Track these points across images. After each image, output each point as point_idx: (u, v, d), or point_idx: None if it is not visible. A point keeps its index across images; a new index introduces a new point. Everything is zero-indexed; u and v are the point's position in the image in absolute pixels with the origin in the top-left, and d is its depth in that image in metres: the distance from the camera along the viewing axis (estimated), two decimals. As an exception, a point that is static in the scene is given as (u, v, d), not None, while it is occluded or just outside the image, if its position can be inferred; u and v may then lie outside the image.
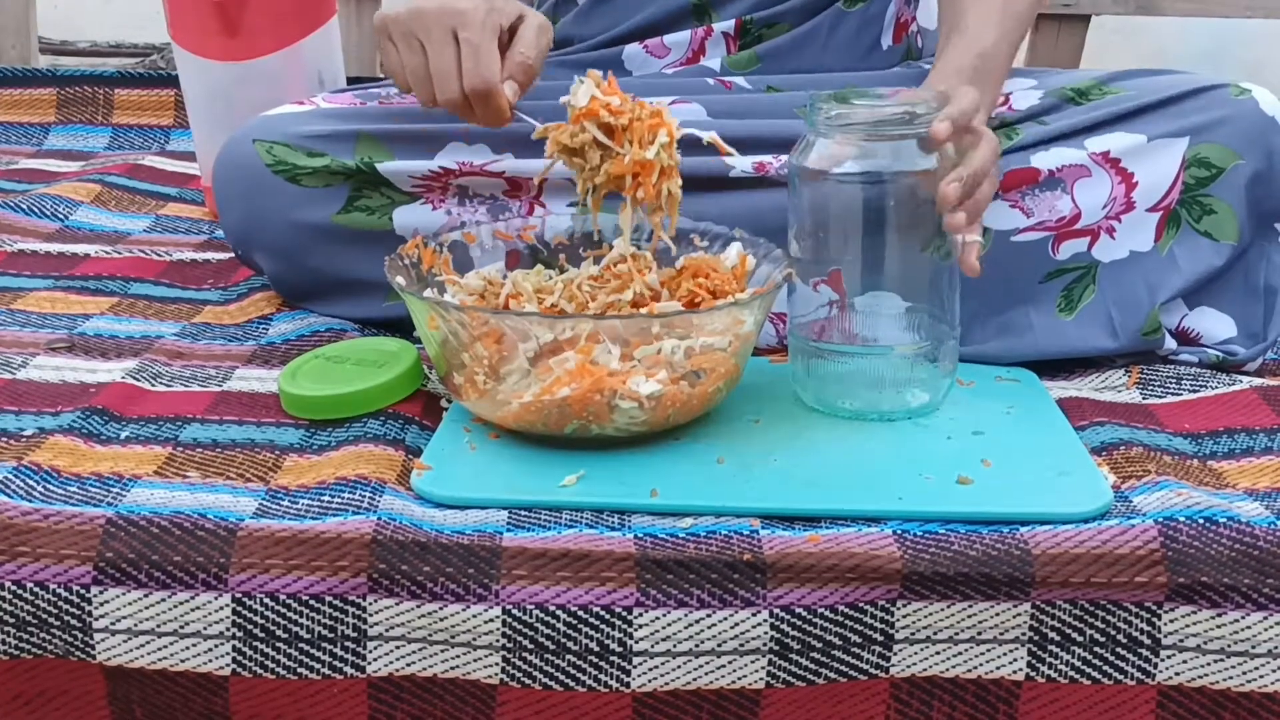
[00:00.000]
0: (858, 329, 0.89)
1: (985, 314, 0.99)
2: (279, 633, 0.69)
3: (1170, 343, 0.98)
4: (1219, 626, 0.70)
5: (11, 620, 0.68)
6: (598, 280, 0.91)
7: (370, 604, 0.69)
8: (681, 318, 0.80)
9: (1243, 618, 0.70)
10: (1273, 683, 0.70)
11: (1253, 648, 0.70)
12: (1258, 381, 0.93)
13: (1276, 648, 0.70)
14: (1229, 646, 0.70)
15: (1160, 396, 0.93)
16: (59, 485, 0.74)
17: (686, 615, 0.69)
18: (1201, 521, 0.72)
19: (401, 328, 1.01)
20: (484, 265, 0.94)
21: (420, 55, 0.89)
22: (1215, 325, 0.99)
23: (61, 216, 1.27)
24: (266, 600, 0.69)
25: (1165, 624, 0.70)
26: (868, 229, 0.86)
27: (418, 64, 0.90)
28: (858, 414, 0.87)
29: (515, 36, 0.91)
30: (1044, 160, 0.97)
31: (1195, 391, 0.93)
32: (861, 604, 0.70)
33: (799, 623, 0.69)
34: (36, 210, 1.27)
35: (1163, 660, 0.70)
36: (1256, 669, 0.70)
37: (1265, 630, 0.70)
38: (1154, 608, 0.70)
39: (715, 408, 0.85)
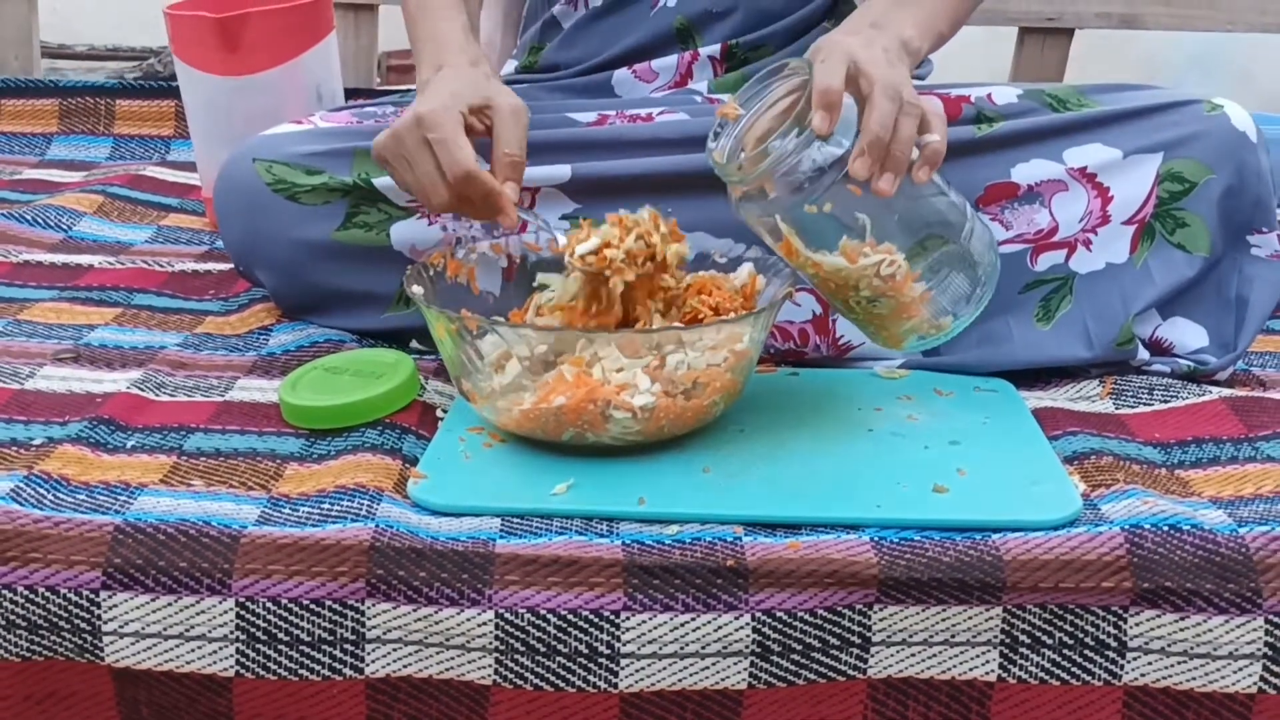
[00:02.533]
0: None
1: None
2: (281, 635, 0.72)
3: (1143, 354, 1.01)
4: (1182, 630, 0.73)
5: (24, 624, 0.71)
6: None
7: (368, 608, 0.72)
8: (674, 333, 0.83)
9: (1205, 621, 0.72)
10: (1234, 684, 0.73)
11: (1214, 650, 0.73)
12: (1227, 392, 0.96)
13: (1237, 650, 0.72)
14: (1192, 649, 0.73)
15: (1132, 407, 0.95)
16: (68, 493, 0.77)
17: (672, 619, 0.72)
18: (1166, 529, 0.74)
19: (399, 339, 1.03)
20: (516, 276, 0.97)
21: (411, 172, 0.91)
22: (1188, 335, 1.02)
23: (65, 227, 1.29)
24: (269, 604, 0.71)
25: (1131, 627, 0.73)
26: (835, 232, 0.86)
27: (412, 180, 0.91)
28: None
29: (494, 135, 0.92)
30: (1023, 174, 1.00)
31: (1166, 402, 0.95)
32: (840, 608, 0.72)
33: (780, 626, 0.72)
34: (40, 221, 1.29)
35: (1129, 662, 0.73)
36: (1218, 670, 0.73)
37: (1226, 633, 0.72)
38: (1120, 611, 0.73)
39: (703, 418, 0.88)
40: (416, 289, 0.87)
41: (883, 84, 0.82)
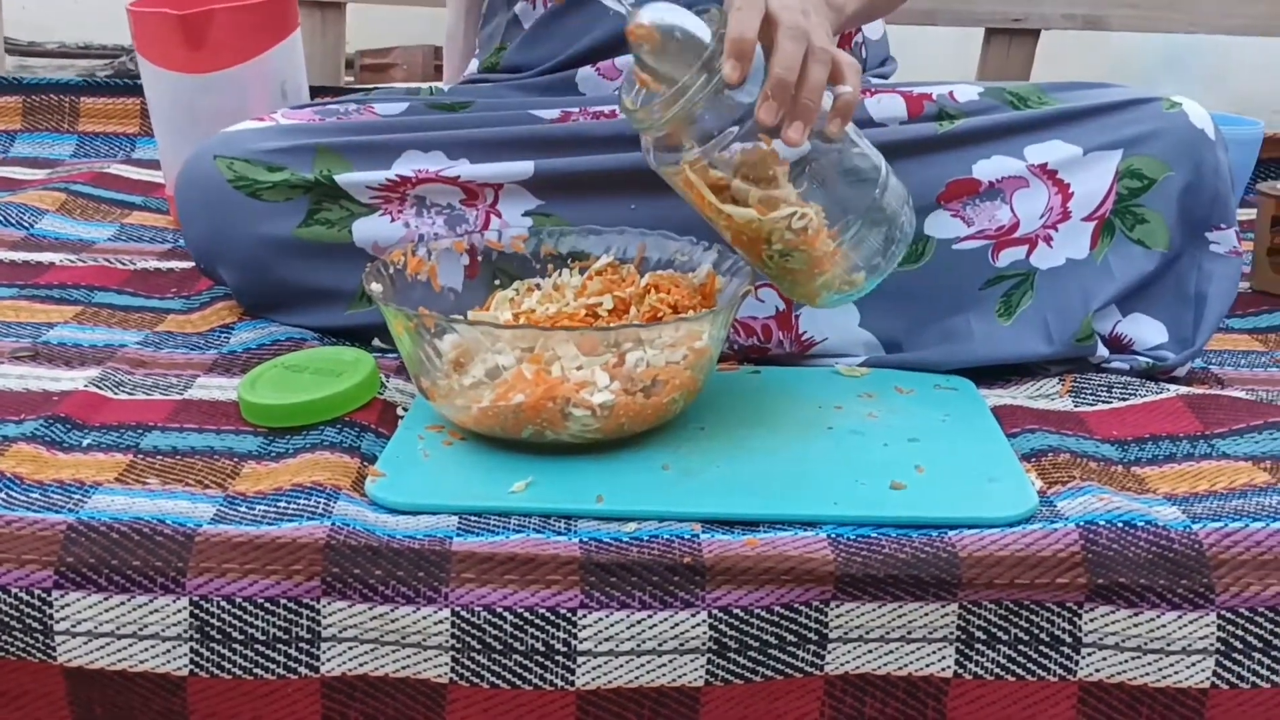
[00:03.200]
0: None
1: (928, 320, 1.02)
2: (235, 634, 0.71)
3: (1102, 350, 1.01)
4: (1136, 625, 0.73)
5: (-25, 624, 0.71)
6: (581, 292, 0.93)
7: (324, 606, 0.71)
8: (632, 331, 0.83)
9: (1158, 617, 0.73)
10: (1186, 679, 0.73)
11: (1167, 646, 0.73)
12: (1184, 390, 0.97)
13: (1189, 645, 0.73)
14: (1145, 645, 0.73)
15: (1091, 404, 0.96)
16: (21, 492, 0.76)
17: (629, 616, 0.72)
18: (1120, 525, 0.75)
19: (361, 337, 1.03)
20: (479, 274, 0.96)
21: None
22: (1147, 331, 1.03)
23: (27, 225, 1.29)
24: (223, 603, 0.71)
25: (1085, 623, 0.73)
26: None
27: None
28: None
29: None
30: (984, 171, 1.01)
31: (1125, 399, 0.96)
32: (797, 605, 0.72)
33: (737, 623, 0.72)
34: (1, 219, 1.28)
35: (1083, 658, 0.74)
36: (1171, 665, 0.73)
37: (1179, 629, 0.73)
38: (1075, 608, 0.73)
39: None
40: (375, 286, 0.86)
41: (787, 27, 0.81)
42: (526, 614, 0.71)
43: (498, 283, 0.97)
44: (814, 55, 0.81)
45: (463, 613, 0.71)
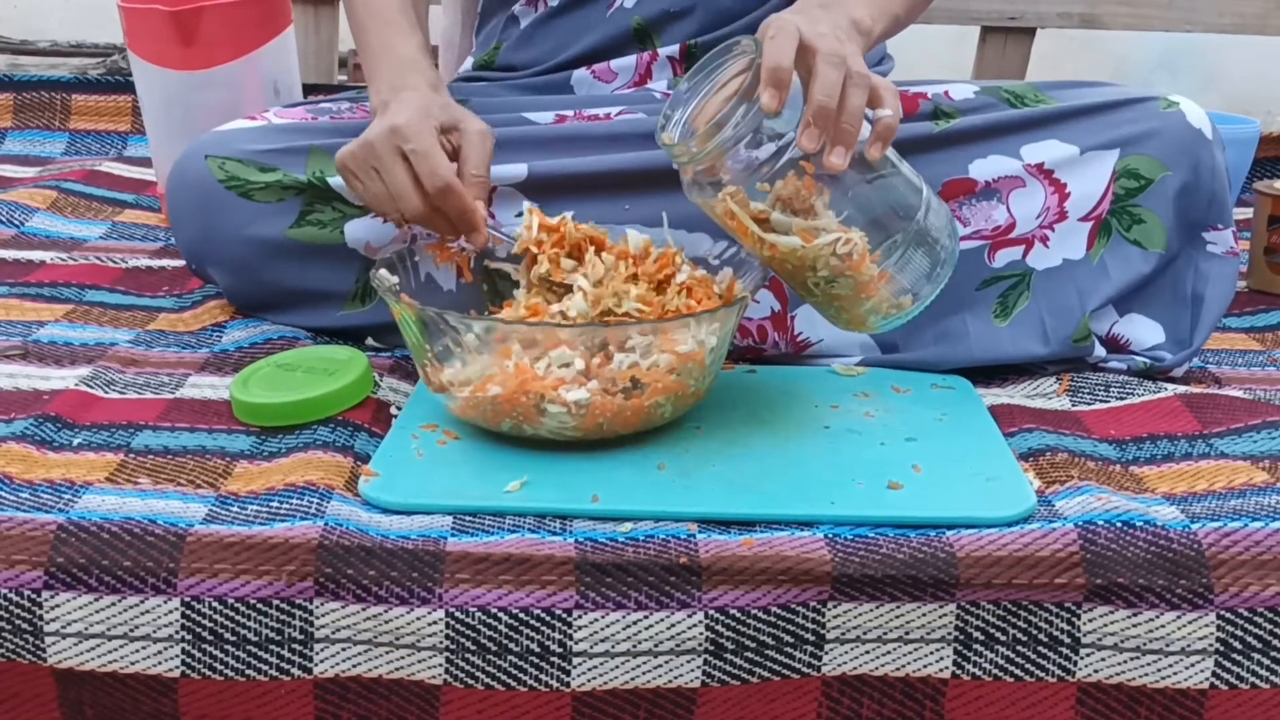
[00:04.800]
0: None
1: (924, 321, 1.01)
2: (227, 635, 0.71)
3: (1099, 350, 1.01)
4: (1135, 626, 0.73)
5: (-36, 625, 0.70)
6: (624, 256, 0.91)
7: (317, 607, 0.71)
8: (597, 330, 0.82)
9: (1157, 617, 0.72)
10: (1185, 679, 0.73)
11: (1166, 646, 0.73)
12: (1182, 389, 0.96)
13: (1188, 646, 0.72)
14: (1144, 645, 0.73)
15: (1089, 404, 0.95)
16: (10, 492, 0.75)
17: (625, 617, 0.71)
18: (1119, 525, 0.74)
19: (354, 336, 1.03)
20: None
21: (378, 181, 0.90)
22: (1144, 332, 1.03)
23: (17, 223, 1.28)
24: (215, 604, 0.70)
25: (1084, 623, 0.73)
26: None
27: (378, 189, 0.90)
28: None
29: (460, 155, 0.92)
30: (980, 171, 1.00)
31: (1122, 399, 0.96)
32: (793, 605, 0.72)
33: (733, 623, 0.72)
34: (-8, 217, 1.28)
35: (1082, 658, 0.73)
36: (1170, 666, 0.73)
37: (1178, 629, 0.72)
38: (1073, 608, 0.73)
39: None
40: (384, 274, 0.86)
41: (826, 53, 0.81)
42: (521, 615, 0.71)
43: (485, 287, 0.96)
44: (852, 80, 0.81)
45: (457, 613, 0.71)
